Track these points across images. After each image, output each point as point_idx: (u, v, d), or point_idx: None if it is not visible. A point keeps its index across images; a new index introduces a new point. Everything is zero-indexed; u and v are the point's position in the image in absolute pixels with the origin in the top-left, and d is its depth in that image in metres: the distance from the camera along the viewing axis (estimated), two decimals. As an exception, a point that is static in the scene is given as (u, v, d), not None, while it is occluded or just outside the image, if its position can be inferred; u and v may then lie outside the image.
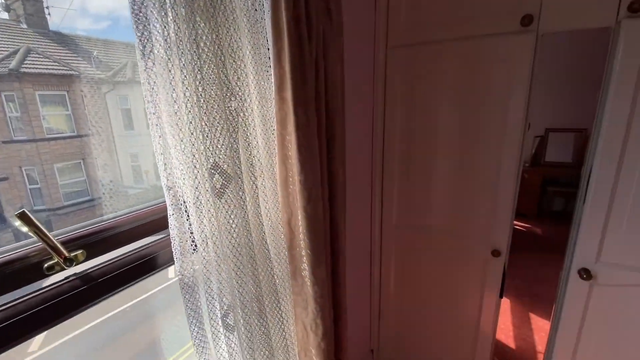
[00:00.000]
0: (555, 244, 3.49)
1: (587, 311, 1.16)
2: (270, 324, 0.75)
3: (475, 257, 1.34)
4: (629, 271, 1.08)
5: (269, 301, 0.74)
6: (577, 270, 1.14)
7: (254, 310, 0.69)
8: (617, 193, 1.05)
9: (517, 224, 4.05)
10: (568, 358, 1.24)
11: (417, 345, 1.61)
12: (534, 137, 4.07)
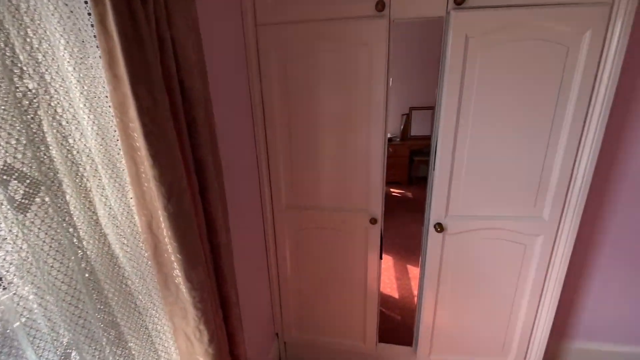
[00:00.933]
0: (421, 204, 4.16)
1: (443, 256, 1.42)
2: (136, 347, 0.63)
3: (358, 227, 1.46)
4: (467, 220, 1.35)
5: (130, 323, 0.62)
6: (433, 225, 1.36)
7: (109, 340, 0.57)
8: (456, 158, 1.28)
9: (394, 191, 4.72)
10: (433, 294, 1.49)
11: (317, 318, 1.69)
12: (401, 115, 4.75)
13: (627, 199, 1.43)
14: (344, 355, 1.76)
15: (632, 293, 1.58)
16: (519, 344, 1.54)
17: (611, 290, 1.60)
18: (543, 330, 1.48)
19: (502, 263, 1.41)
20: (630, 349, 1.68)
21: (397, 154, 4.51)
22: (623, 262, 1.54)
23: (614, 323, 1.65)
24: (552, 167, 1.26)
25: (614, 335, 1.68)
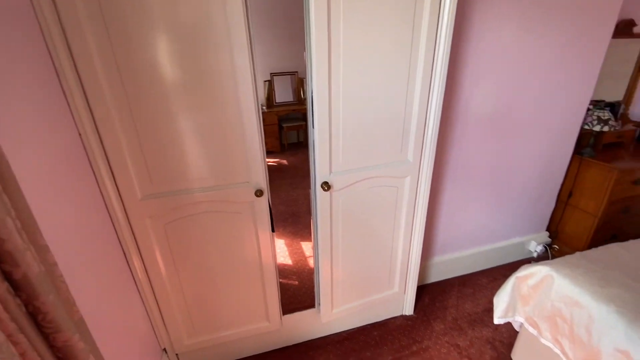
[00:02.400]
0: (299, 169, 4.23)
1: (332, 213, 1.42)
2: None
3: (243, 203, 1.28)
4: (349, 174, 1.37)
5: None
6: (320, 184, 1.32)
7: None
8: (332, 119, 1.24)
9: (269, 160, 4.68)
10: (328, 251, 1.50)
11: (212, 315, 1.48)
12: (264, 82, 4.59)
13: (458, 134, 1.75)
14: (250, 342, 1.63)
15: (466, 210, 2.02)
16: (400, 274, 1.75)
17: (454, 210, 1.99)
18: (416, 257, 1.73)
19: (381, 207, 1.52)
20: (471, 251, 2.18)
21: (266, 122, 4.39)
22: (459, 186, 1.92)
23: (458, 235, 2.10)
24: (411, 115, 1.38)
25: (460, 244, 2.14)
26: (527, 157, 2.00)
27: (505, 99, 1.75)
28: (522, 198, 2.14)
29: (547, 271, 1.31)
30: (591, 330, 1.12)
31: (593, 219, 2.13)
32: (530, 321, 1.36)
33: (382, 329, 1.83)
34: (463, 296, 2.05)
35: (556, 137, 2.01)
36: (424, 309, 1.96)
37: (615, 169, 1.98)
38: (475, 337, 1.76)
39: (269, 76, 4.67)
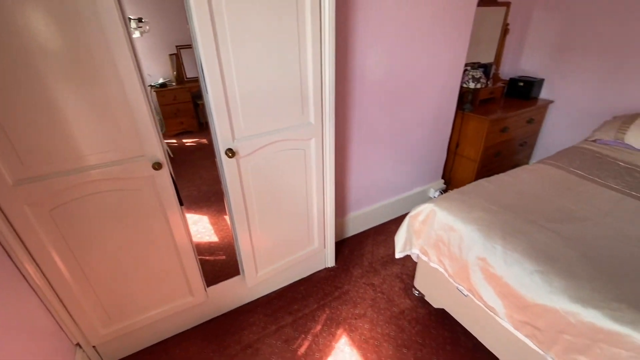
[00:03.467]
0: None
1: (242, 180, 1.44)
2: None
3: (141, 178, 1.22)
4: (254, 139, 1.40)
5: None
6: (224, 152, 1.33)
7: None
8: (227, 85, 1.24)
9: (187, 141, 4.40)
10: (244, 218, 1.54)
11: (128, 299, 1.42)
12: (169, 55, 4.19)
13: (357, 97, 1.89)
14: (176, 319, 1.62)
15: (373, 167, 2.23)
16: (318, 231, 1.89)
17: (362, 169, 2.18)
18: (330, 214, 1.88)
19: (292, 170, 1.60)
20: (382, 204, 2.44)
21: (178, 99, 4.06)
22: (365, 146, 2.10)
23: (369, 191, 2.31)
24: (307, 78, 1.44)
25: (371, 199, 2.37)
26: (419, 115, 2.26)
27: (394, 63, 1.93)
28: (419, 152, 2.43)
29: (431, 207, 1.55)
30: (462, 247, 1.39)
31: (474, 164, 2.54)
32: (423, 250, 1.62)
33: (308, 283, 1.98)
34: (377, 243, 2.31)
35: (441, 96, 2.30)
36: (344, 259, 2.16)
37: (487, 120, 2.37)
38: (387, 275, 2.03)
39: (175, 49, 4.30)
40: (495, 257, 1.26)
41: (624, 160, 1.96)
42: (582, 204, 1.51)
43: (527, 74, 2.90)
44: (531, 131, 2.80)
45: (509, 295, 1.21)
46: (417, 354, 1.56)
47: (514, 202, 1.50)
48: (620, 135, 2.13)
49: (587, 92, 2.58)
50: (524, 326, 1.18)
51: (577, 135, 2.64)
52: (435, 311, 1.77)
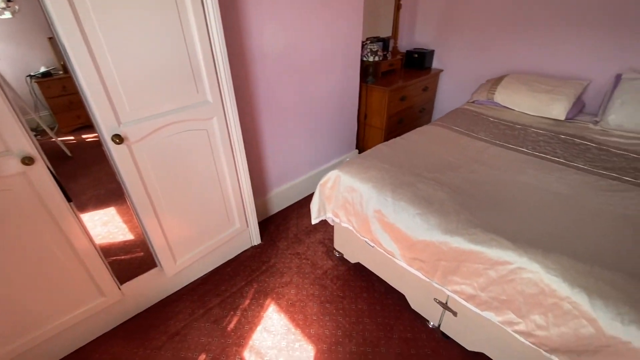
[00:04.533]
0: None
1: (139, 168, 1.38)
2: None
3: (8, 179, 1.09)
4: (145, 122, 1.33)
5: None
6: (110, 138, 1.24)
7: None
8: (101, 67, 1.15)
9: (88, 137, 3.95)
10: (149, 208, 1.48)
11: (21, 315, 1.29)
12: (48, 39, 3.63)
13: (259, 72, 1.90)
14: (91, 323, 1.52)
15: (289, 144, 2.30)
16: (237, 211, 1.91)
17: (278, 146, 2.23)
18: (248, 193, 1.91)
19: (197, 152, 1.57)
20: (302, 178, 2.53)
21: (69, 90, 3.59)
22: (277, 123, 2.14)
23: (288, 167, 2.38)
24: (197, 55, 1.40)
25: (291, 174, 2.44)
26: (326, 90, 2.36)
27: (293, 38, 1.97)
28: (332, 125, 2.57)
29: (336, 173, 1.68)
30: (362, 204, 1.54)
31: (381, 132, 2.78)
32: (334, 213, 1.76)
33: (235, 263, 2.01)
34: (301, 216, 2.42)
35: (344, 70, 2.43)
36: (270, 235, 2.23)
37: (387, 91, 2.58)
38: (311, 243, 2.15)
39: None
40: (387, 208, 1.43)
41: (493, 116, 2.34)
42: (457, 155, 1.78)
43: (421, 46, 3.21)
44: (427, 98, 3.14)
45: (401, 238, 1.40)
46: (339, 305, 1.72)
47: (404, 160, 1.71)
48: (491, 95, 2.52)
49: (467, 60, 2.97)
50: (414, 261, 1.39)
51: (463, 98, 3.04)
52: (353, 266, 1.95)
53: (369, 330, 1.59)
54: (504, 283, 1.14)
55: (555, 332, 1.04)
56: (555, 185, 1.50)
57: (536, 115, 2.30)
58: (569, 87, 2.26)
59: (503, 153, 1.82)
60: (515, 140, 1.98)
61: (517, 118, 2.29)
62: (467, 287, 1.25)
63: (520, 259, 1.10)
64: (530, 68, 2.60)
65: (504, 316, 1.17)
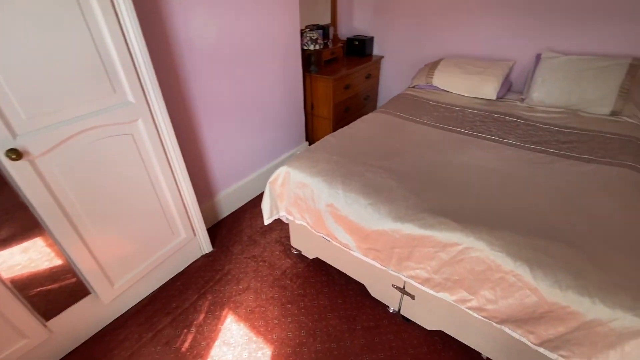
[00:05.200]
0: None
1: (50, 185, 1.17)
2: None
3: None
4: (53, 131, 1.13)
5: None
6: (4, 154, 1.03)
7: None
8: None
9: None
10: (69, 230, 1.29)
11: None
12: None
13: (190, 68, 1.73)
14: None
15: (234, 142, 2.15)
16: (181, 220, 1.75)
17: (222, 146, 2.08)
18: (191, 199, 1.75)
19: (122, 160, 1.38)
20: (253, 176, 2.41)
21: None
22: (218, 121, 1.99)
23: (235, 166, 2.25)
24: (108, 49, 1.21)
25: (240, 173, 2.31)
26: (268, 81, 2.25)
27: (225, 27, 1.82)
28: (278, 119, 2.46)
29: (285, 170, 1.60)
30: (314, 199, 1.49)
31: (329, 122, 2.74)
32: (288, 211, 1.68)
33: (185, 276, 1.85)
34: (254, 216, 2.31)
35: (285, 59, 2.33)
36: (222, 241, 2.09)
37: (331, 79, 2.54)
38: (266, 243, 2.07)
39: None
40: (339, 200, 1.40)
41: (433, 99, 2.42)
42: (402, 141, 1.81)
43: (360, 33, 3.21)
44: (371, 85, 3.17)
45: (355, 230, 1.38)
46: (300, 304, 1.67)
47: (352, 150, 1.68)
48: (429, 79, 2.60)
49: (405, 46, 3.03)
50: (369, 252, 1.38)
51: (404, 83, 3.12)
52: (312, 262, 1.91)
53: (333, 325, 1.57)
54: (455, 264, 1.17)
55: (503, 304, 1.09)
56: (493, 162, 1.58)
57: (471, 96, 2.43)
58: (497, 68, 2.41)
59: (444, 135, 1.88)
60: (455, 122, 2.06)
61: (455, 100, 2.40)
62: (422, 271, 1.26)
63: (467, 239, 1.13)
64: (463, 51, 2.73)
65: (457, 295, 1.20)
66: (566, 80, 2.12)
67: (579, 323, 0.95)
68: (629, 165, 1.51)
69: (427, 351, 1.46)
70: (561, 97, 2.14)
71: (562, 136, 1.85)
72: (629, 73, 1.96)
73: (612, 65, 2.02)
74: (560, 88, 2.14)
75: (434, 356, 1.43)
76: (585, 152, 1.66)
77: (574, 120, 2.01)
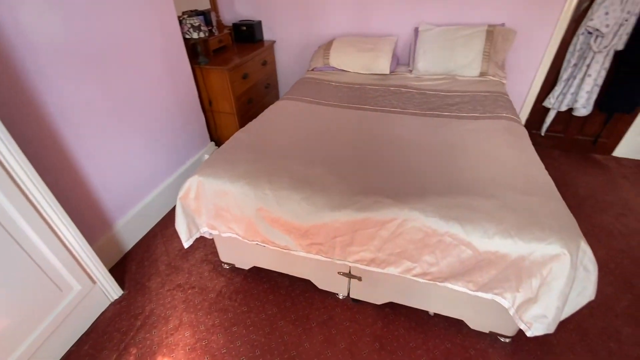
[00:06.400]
0: None
1: None
2: None
3: None
4: None
5: None
6: None
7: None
8: None
9: None
10: None
11: None
12: None
13: (35, 71, 1.31)
14: None
15: (124, 160, 1.77)
16: (69, 270, 1.36)
17: (108, 169, 1.68)
18: (78, 240, 1.37)
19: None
20: (156, 192, 2.04)
21: None
22: (94, 141, 1.58)
23: (132, 187, 1.86)
24: None
25: (140, 193, 1.93)
26: (149, 81, 1.90)
27: (81, 22, 1.42)
28: (172, 121, 2.13)
29: (197, 180, 1.38)
30: (240, 206, 1.33)
31: (233, 117, 2.52)
32: (210, 226, 1.47)
33: (94, 334, 1.48)
34: (168, 239, 1.99)
35: (165, 53, 1.99)
36: (134, 278, 1.74)
37: (225, 70, 2.30)
38: (191, 266, 1.80)
39: None
40: (269, 202, 1.27)
41: (334, 80, 2.43)
42: (316, 126, 1.75)
43: (246, 17, 2.99)
44: (269, 72, 3.02)
45: (292, 229, 1.28)
46: (247, 322, 1.52)
47: (268, 144, 1.55)
48: (326, 60, 2.60)
49: (296, 28, 2.95)
50: (311, 247, 1.31)
51: (303, 67, 3.07)
52: (249, 272, 1.75)
53: (288, 332, 1.47)
54: (395, 238, 1.18)
55: (444, 264, 1.16)
56: (404, 133, 1.66)
57: (368, 73, 2.52)
58: (385, 43, 2.54)
59: (353, 114, 1.91)
60: (359, 100, 2.10)
61: (354, 78, 2.46)
62: (366, 253, 1.26)
63: (402, 212, 1.15)
64: (352, 30, 2.80)
65: (402, 266, 1.24)
66: (442, 50, 2.37)
67: (506, 263, 1.07)
68: (505, 117, 1.78)
69: (382, 325, 1.49)
70: (441, 64, 2.39)
71: (449, 99, 2.07)
72: (487, 39, 2.30)
73: (474, 32, 2.33)
74: (438, 56, 2.38)
75: (389, 328, 1.48)
76: (471, 111, 1.89)
77: (455, 84, 2.27)
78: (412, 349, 1.40)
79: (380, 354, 1.38)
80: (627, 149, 2.65)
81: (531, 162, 1.40)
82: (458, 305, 1.36)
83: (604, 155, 2.74)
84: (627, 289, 1.64)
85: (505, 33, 2.34)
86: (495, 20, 2.42)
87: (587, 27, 2.19)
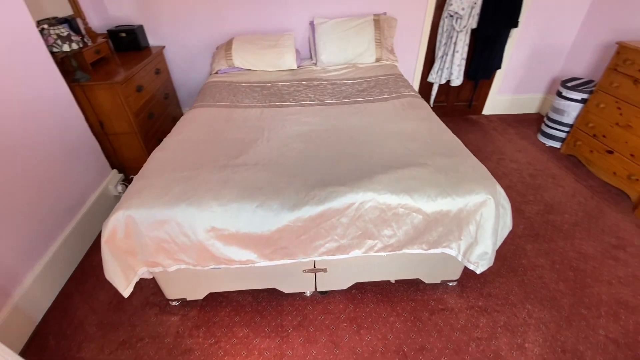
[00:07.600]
0: None
1: None
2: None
3: None
4: None
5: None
6: None
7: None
8: None
9: None
10: None
11: None
12: None
13: None
14: None
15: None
16: None
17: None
18: None
19: None
20: (55, 246, 1.64)
21: None
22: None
23: (11, 247, 1.46)
24: None
25: (27, 254, 1.52)
26: (10, 111, 1.50)
27: None
28: (55, 153, 1.74)
29: (124, 215, 1.17)
30: (186, 232, 1.19)
31: (135, 136, 2.20)
32: (150, 264, 1.28)
33: None
34: (89, 294, 1.64)
35: (29, 71, 1.60)
36: (57, 354, 1.39)
37: (115, 85, 1.98)
38: (131, 316, 1.54)
39: None
40: (219, 219, 1.17)
41: (242, 81, 2.34)
42: (243, 130, 1.67)
43: (122, 22, 2.61)
44: (165, 81, 2.72)
45: (253, 241, 1.21)
46: (219, 353, 1.38)
47: (198, 158, 1.42)
48: (230, 61, 2.48)
49: (187, 30, 2.71)
50: (275, 254, 1.27)
51: (203, 71, 2.86)
52: (204, 301, 1.59)
53: (266, 348, 1.40)
54: (356, 221, 1.24)
55: (401, 234, 1.27)
56: (334, 124, 1.72)
57: (276, 70, 2.51)
58: (285, 39, 2.56)
59: (276, 112, 1.88)
60: (276, 97, 2.08)
61: (263, 77, 2.41)
62: (331, 244, 1.28)
63: (358, 196, 1.21)
64: (248, 28, 2.72)
65: (365, 246, 1.31)
66: (339, 40, 2.52)
67: (449, 218, 1.24)
68: (409, 95, 2.01)
69: (353, 307, 1.56)
70: (341, 55, 2.54)
71: (357, 86, 2.23)
72: (375, 27, 2.53)
73: (363, 22, 2.54)
74: (338, 47, 2.52)
75: (360, 307, 1.55)
76: (379, 94, 2.07)
77: (358, 72, 2.45)
78: (385, 318, 1.50)
79: (360, 333, 1.45)
80: (491, 106, 3.31)
81: (441, 129, 1.63)
82: (413, 266, 1.51)
83: (477, 115, 3.36)
84: (520, 215, 2.08)
85: (389, 21, 2.61)
86: (377, 10, 2.68)
87: (449, 11, 2.62)
